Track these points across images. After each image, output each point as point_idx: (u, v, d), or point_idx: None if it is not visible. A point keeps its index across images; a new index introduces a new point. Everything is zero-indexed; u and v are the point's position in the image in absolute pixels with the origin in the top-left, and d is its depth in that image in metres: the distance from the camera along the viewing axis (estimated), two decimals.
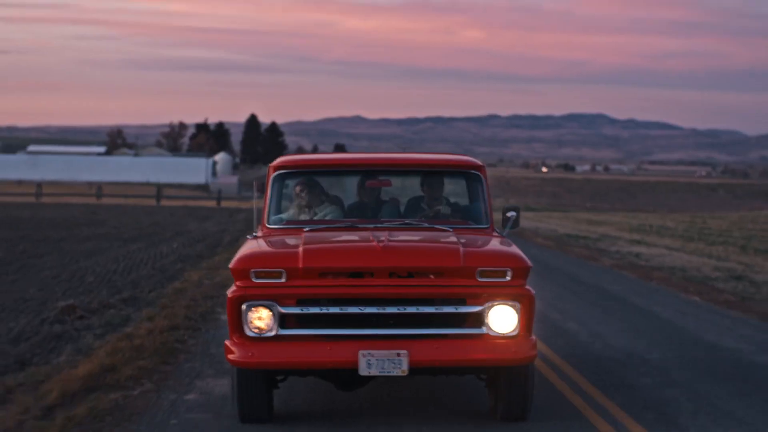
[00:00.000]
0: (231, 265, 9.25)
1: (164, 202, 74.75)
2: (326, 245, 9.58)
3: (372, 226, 10.23)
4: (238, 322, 9.14)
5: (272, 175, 10.84)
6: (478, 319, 9.14)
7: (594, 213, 78.80)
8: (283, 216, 10.66)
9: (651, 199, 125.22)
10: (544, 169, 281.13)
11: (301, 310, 9.06)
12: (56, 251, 29.52)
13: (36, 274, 23.14)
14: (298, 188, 10.70)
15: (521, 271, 9.20)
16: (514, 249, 9.54)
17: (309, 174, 10.88)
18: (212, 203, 77.47)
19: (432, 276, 9.16)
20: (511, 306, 9.15)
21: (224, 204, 76.12)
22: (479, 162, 10.96)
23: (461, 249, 9.23)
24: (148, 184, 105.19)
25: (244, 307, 9.10)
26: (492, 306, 9.13)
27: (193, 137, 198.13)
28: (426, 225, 10.39)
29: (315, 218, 10.60)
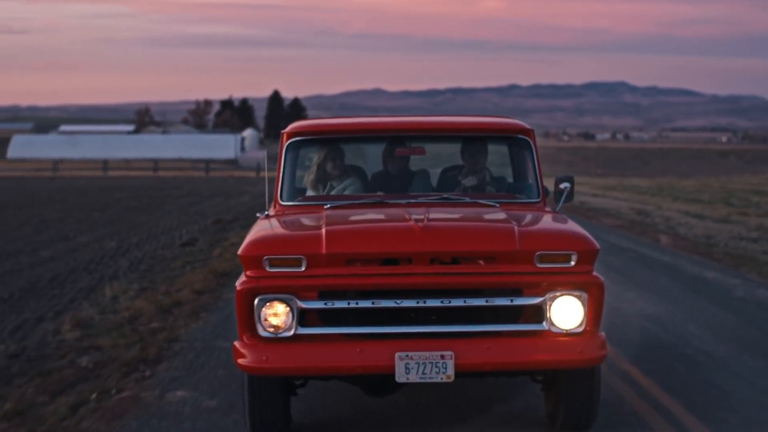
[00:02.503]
0: (240, 251, 7.69)
1: (212, 174, 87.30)
2: (354, 226, 8.06)
3: (404, 201, 8.70)
4: (249, 319, 7.60)
5: (286, 143, 9.27)
6: (538, 313, 7.58)
7: (596, 178, 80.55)
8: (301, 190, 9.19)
9: (664, 166, 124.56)
10: (566, 138, 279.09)
11: (325, 304, 7.50)
12: (168, 203, 42.95)
13: (169, 213, 36.14)
14: (315, 157, 9.23)
15: (588, 255, 7.61)
16: (578, 228, 7.93)
17: (328, 141, 9.38)
18: (252, 174, 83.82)
19: (482, 262, 7.57)
20: (576, 297, 7.56)
21: (262, 174, 79.82)
22: (527, 125, 9.37)
23: (516, 229, 7.66)
24: (180, 159, 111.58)
25: (256, 301, 7.54)
26: (554, 297, 7.54)
27: (218, 114, 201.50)
28: (467, 200, 8.86)
29: (333, 193, 9.16)
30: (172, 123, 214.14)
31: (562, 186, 9.06)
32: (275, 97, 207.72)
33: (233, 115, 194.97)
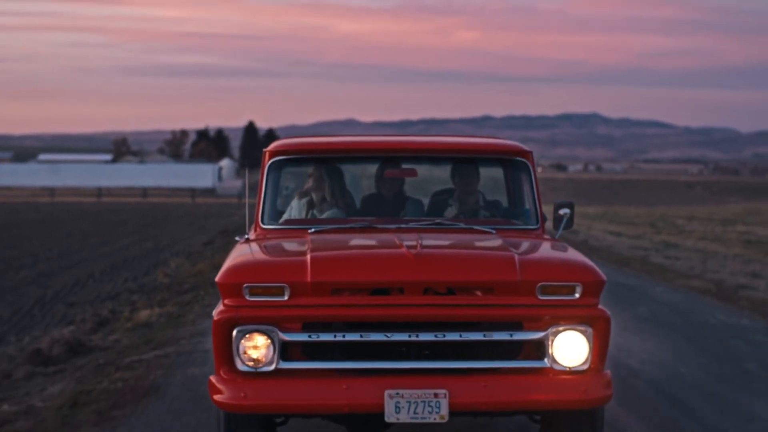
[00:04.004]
0: (218, 278, 7.09)
1: (198, 200, 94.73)
2: (341, 252, 7.50)
3: (395, 226, 8.14)
4: (227, 352, 7.00)
5: (268, 162, 8.68)
6: (539, 349, 7.02)
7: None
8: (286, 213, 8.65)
9: (631, 196, 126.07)
10: (540, 169, 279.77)
11: (309, 337, 6.91)
12: (171, 221, 53.59)
13: (177, 228, 46.33)
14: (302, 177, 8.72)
15: (594, 287, 7.05)
16: (582, 258, 7.37)
17: (313, 161, 8.82)
18: (235, 200, 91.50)
19: (479, 293, 7.00)
20: (581, 332, 7.00)
21: (244, 201, 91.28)
22: (525, 147, 8.81)
23: (516, 257, 7.10)
24: (159, 188, 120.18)
25: (235, 333, 6.94)
26: (557, 332, 6.98)
27: (194, 144, 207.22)
28: (462, 225, 8.31)
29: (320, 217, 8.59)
30: (149, 153, 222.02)
31: (561, 212, 8.53)
32: (250, 128, 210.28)
33: (209, 145, 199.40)
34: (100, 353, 13.71)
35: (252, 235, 8.30)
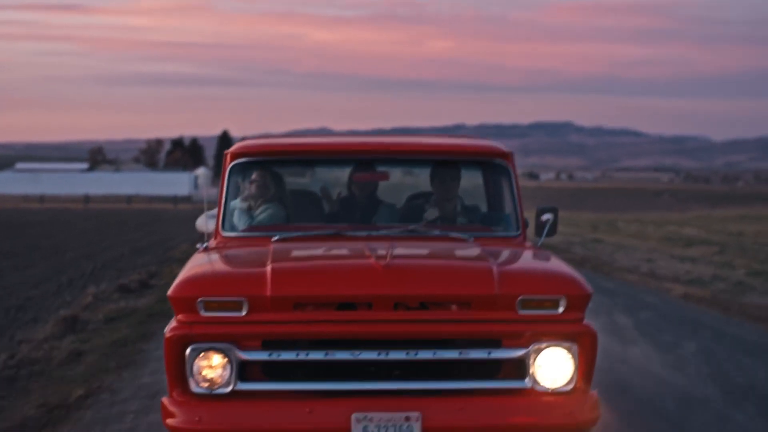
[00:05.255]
0: (170, 291, 6.49)
1: (180, 207, 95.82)
2: (304, 263, 6.92)
3: (365, 233, 7.58)
4: (180, 372, 6.42)
5: (229, 165, 8.08)
6: (519, 368, 6.46)
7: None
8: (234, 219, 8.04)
9: (600, 204, 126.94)
10: None
11: (269, 355, 6.33)
12: (163, 223, 58.34)
13: (171, 228, 50.05)
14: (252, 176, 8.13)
15: (579, 300, 6.49)
16: (566, 268, 6.81)
17: (279, 163, 8.25)
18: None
19: (454, 308, 6.44)
20: (565, 349, 6.45)
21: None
22: (505, 148, 8.21)
23: (494, 268, 6.53)
24: (138, 196, 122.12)
25: (188, 351, 6.37)
26: (539, 349, 6.42)
27: (169, 153, 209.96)
28: (438, 233, 7.74)
29: (254, 223, 7.99)
30: (124, 162, 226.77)
31: (544, 218, 7.96)
32: (224, 137, 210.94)
33: (184, 154, 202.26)
34: (160, 288, 21.21)
35: (212, 244, 7.73)
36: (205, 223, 8.35)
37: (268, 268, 6.48)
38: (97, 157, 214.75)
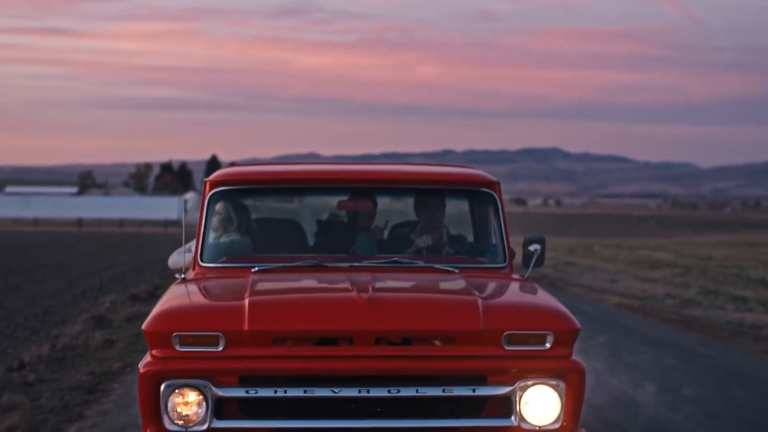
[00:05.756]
0: (144, 325, 6.27)
1: (170, 230, 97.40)
2: (283, 297, 6.72)
3: (347, 265, 7.35)
4: (154, 409, 6.19)
5: (209, 194, 7.84)
6: (505, 406, 6.24)
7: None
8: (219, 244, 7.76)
9: (585, 230, 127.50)
10: None
11: (247, 392, 6.11)
12: (158, 243, 61.38)
13: (169, 248, 48.54)
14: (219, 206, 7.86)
15: (567, 335, 6.29)
16: (554, 301, 6.61)
17: (259, 191, 8.05)
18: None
19: (438, 343, 6.24)
20: (552, 386, 6.24)
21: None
22: (492, 177, 7.99)
23: (480, 302, 6.33)
24: (127, 219, 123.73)
25: (163, 387, 6.15)
26: (525, 386, 6.21)
27: (158, 177, 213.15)
28: (422, 264, 7.51)
29: (213, 253, 7.68)
30: (113, 186, 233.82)
31: (531, 248, 7.68)
32: (213, 161, 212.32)
33: (173, 178, 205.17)
34: None
35: (190, 275, 7.49)
36: (175, 261, 8.16)
37: (246, 302, 6.27)
38: (86, 181, 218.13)
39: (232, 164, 8.49)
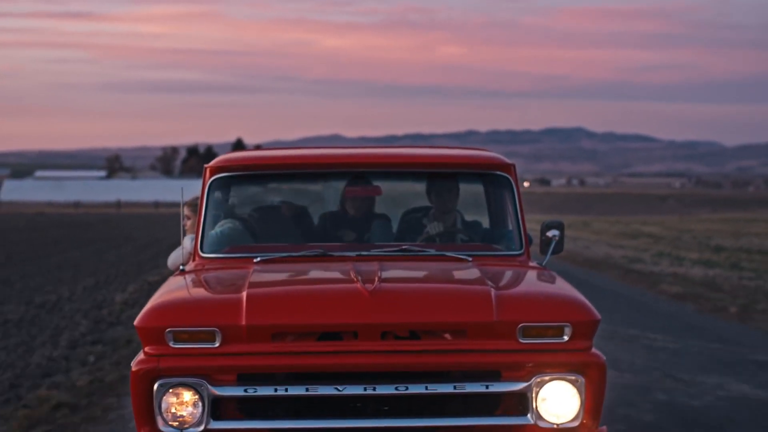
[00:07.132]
0: (137, 321, 5.93)
1: None
2: (283, 289, 6.36)
3: (355, 254, 6.96)
4: (147, 409, 5.85)
5: (209, 181, 7.45)
6: (521, 403, 5.87)
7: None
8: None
9: (605, 209, 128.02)
10: (526, 184, 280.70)
11: (245, 391, 5.76)
12: None
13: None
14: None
15: (586, 327, 5.89)
16: (572, 291, 6.21)
17: (262, 177, 7.66)
18: None
19: (448, 336, 5.87)
20: (571, 382, 5.86)
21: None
22: (507, 159, 7.57)
23: (493, 293, 5.94)
24: (156, 202, 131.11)
25: (156, 387, 5.80)
26: (542, 382, 5.84)
27: (184, 161, 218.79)
28: (433, 252, 7.12)
29: (207, 242, 7.29)
30: (140, 169, 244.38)
31: (549, 234, 7.28)
32: (238, 144, 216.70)
33: (199, 161, 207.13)
34: None
35: (190, 266, 7.13)
36: (174, 260, 7.86)
37: (243, 295, 5.91)
38: (114, 164, 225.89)
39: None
